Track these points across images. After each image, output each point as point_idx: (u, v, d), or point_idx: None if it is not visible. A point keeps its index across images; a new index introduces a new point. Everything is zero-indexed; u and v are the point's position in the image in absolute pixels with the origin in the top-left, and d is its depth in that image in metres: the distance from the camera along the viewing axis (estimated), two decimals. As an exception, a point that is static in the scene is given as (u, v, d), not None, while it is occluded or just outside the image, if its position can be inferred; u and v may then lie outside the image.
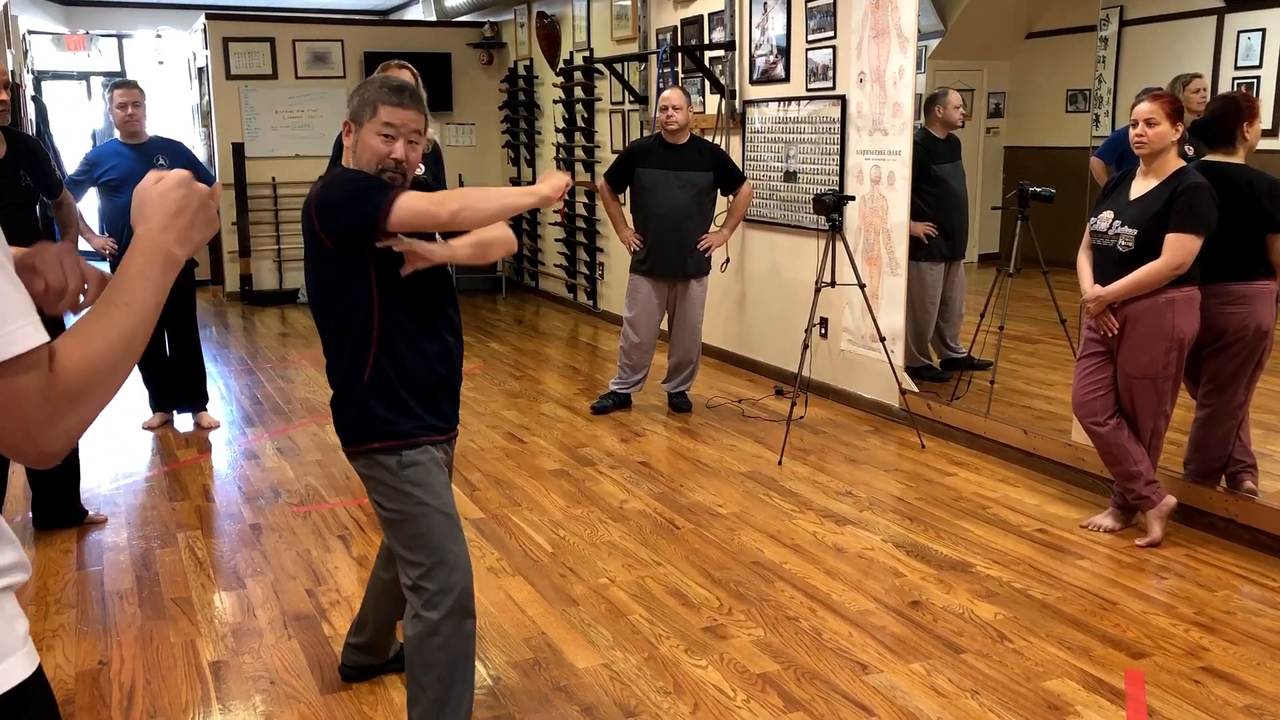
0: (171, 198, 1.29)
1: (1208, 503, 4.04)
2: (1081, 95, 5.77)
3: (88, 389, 1.13)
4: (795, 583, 3.68)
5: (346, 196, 2.39)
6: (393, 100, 2.43)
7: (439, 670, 2.50)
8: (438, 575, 2.48)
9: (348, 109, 2.51)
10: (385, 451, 2.51)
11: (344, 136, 2.52)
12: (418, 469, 2.52)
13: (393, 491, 2.52)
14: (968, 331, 5.83)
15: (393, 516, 2.54)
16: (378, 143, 2.43)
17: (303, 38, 9.78)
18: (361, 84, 2.54)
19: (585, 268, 9.01)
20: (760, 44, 6.46)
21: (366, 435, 2.52)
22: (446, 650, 2.50)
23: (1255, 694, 2.92)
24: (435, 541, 2.50)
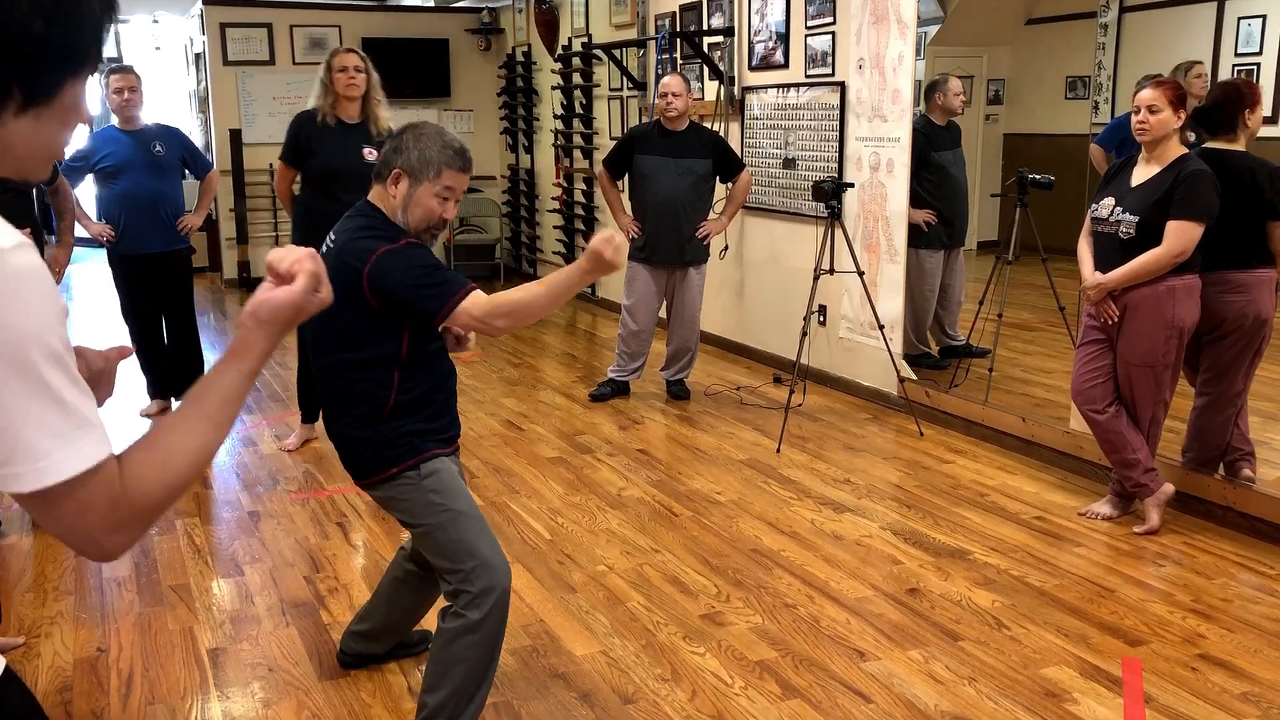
0: (307, 313, 1.26)
1: (1206, 490, 4.04)
2: (1081, 82, 5.76)
3: (159, 505, 1.12)
4: (793, 570, 3.68)
5: (414, 281, 2.41)
6: (457, 164, 2.50)
7: (470, 665, 2.52)
8: (479, 577, 2.51)
9: (397, 156, 2.49)
10: (407, 470, 2.54)
11: (390, 183, 2.50)
12: (437, 477, 2.56)
13: (419, 506, 2.54)
14: (966, 319, 5.83)
15: (425, 529, 2.55)
16: (434, 204, 2.50)
17: (300, 23, 9.74)
18: (414, 134, 2.51)
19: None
20: (759, 30, 6.44)
21: (388, 462, 2.53)
22: (482, 647, 2.52)
23: (1252, 681, 2.93)
24: (469, 545, 2.53)
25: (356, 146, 4.59)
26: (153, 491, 1.10)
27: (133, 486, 1.09)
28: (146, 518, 1.11)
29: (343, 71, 4.56)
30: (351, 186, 4.48)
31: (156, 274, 5.35)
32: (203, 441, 1.15)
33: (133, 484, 1.09)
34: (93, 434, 1.05)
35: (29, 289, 1.00)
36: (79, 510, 1.06)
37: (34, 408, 1.01)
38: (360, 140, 4.61)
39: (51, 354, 1.02)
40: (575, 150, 8.89)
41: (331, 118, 4.60)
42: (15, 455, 1.01)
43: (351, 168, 4.50)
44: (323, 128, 4.60)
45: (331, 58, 4.62)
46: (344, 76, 4.56)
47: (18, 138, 1.07)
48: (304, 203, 4.74)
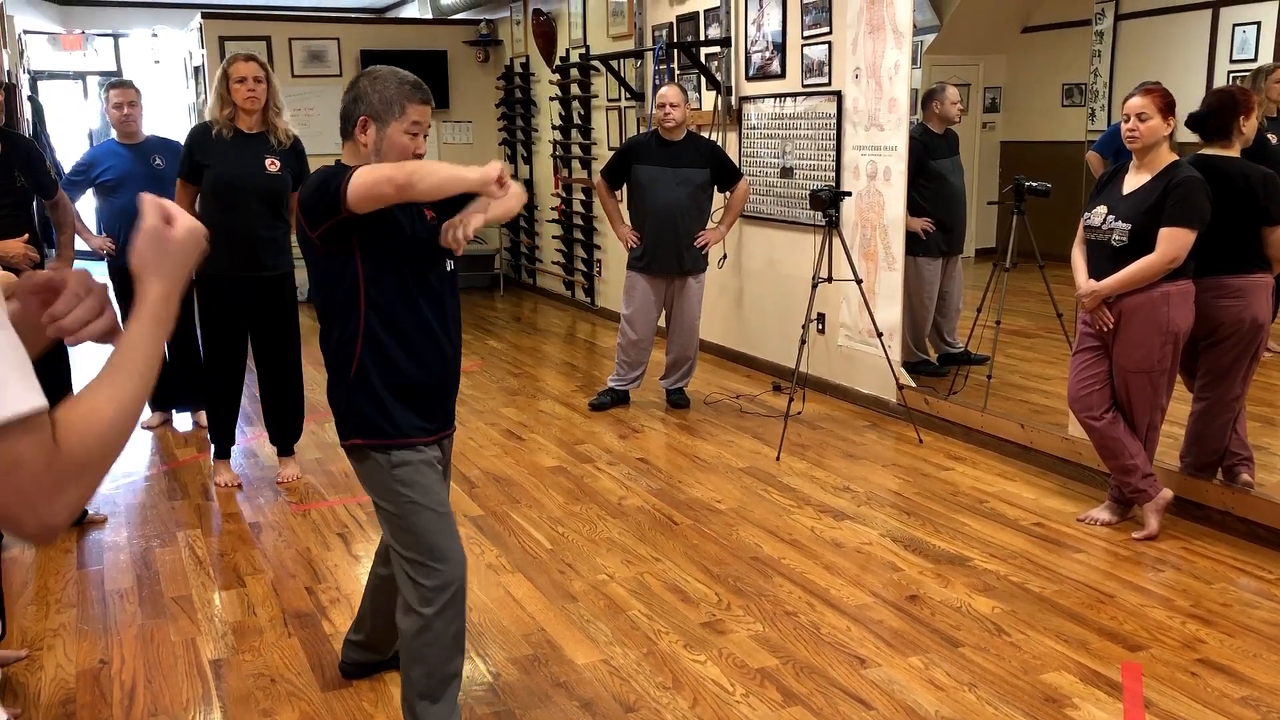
0: (186, 249, 1.24)
1: (1204, 496, 4.05)
2: (1077, 89, 5.78)
3: (94, 459, 1.08)
4: (793, 578, 3.69)
5: (315, 187, 2.42)
6: (418, 97, 2.48)
7: (429, 665, 2.53)
8: (431, 571, 2.51)
9: (359, 105, 2.48)
10: (374, 449, 2.53)
11: (357, 131, 2.48)
12: (407, 469, 2.54)
13: (383, 489, 2.55)
14: (965, 326, 5.84)
15: (386, 512, 2.57)
16: (405, 140, 2.47)
17: (299, 36, 9.77)
18: (369, 79, 2.50)
19: (583, 264, 9.02)
20: (756, 40, 6.47)
21: (352, 430, 2.55)
22: (438, 646, 2.53)
23: (1252, 685, 2.93)
24: (428, 539, 2.52)
25: (257, 156, 4.41)
26: (86, 442, 1.06)
27: (64, 438, 1.04)
28: (85, 477, 1.06)
29: (241, 82, 4.35)
30: (251, 197, 4.42)
31: None
32: (121, 390, 1.12)
33: (64, 435, 1.04)
34: (18, 382, 1.00)
35: None
36: (12, 465, 1.00)
37: None
38: (260, 150, 4.43)
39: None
40: (573, 160, 8.92)
41: (229, 129, 4.40)
42: None
43: (251, 179, 4.38)
44: (218, 139, 4.38)
45: (229, 66, 4.40)
46: (243, 88, 4.35)
47: None
48: (202, 220, 4.54)
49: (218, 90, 4.41)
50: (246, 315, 4.54)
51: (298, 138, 4.60)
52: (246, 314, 4.53)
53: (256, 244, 4.46)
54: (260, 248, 4.48)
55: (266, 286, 4.54)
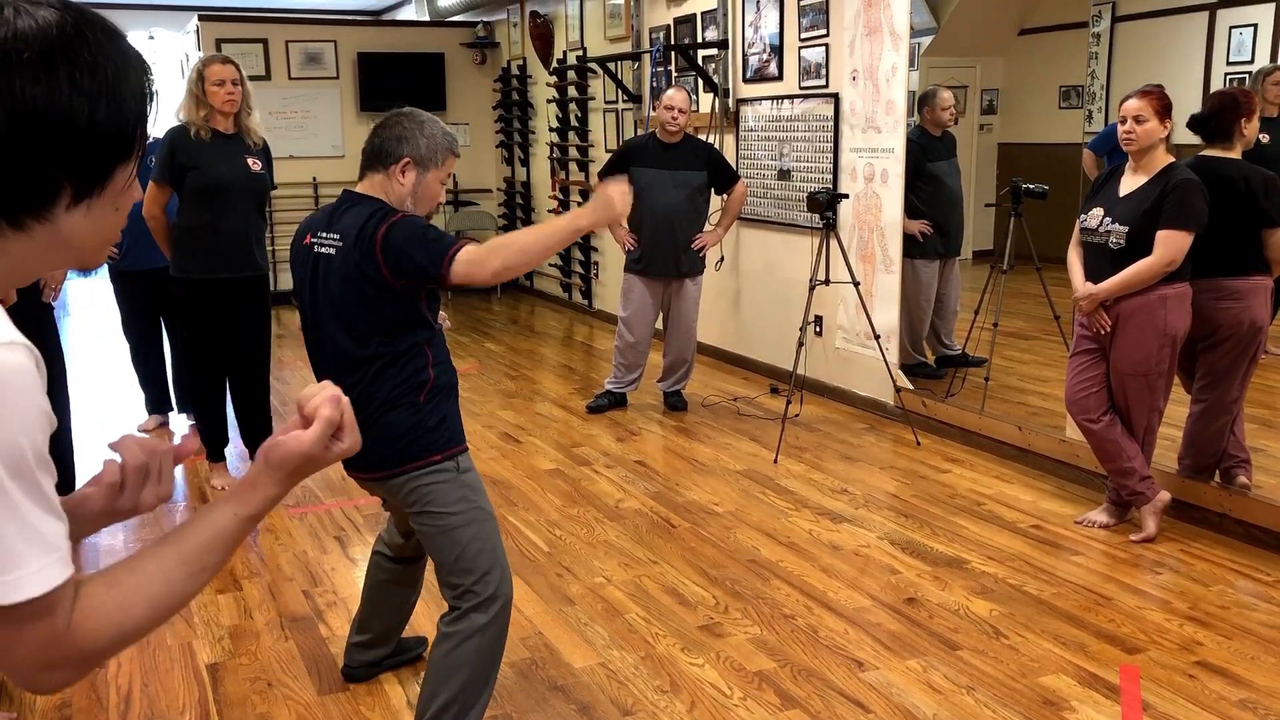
0: (319, 464, 1.12)
1: (1202, 498, 4.05)
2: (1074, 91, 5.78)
3: (102, 651, 0.98)
4: (791, 580, 3.68)
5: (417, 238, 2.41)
6: (455, 151, 2.60)
7: (473, 671, 2.52)
8: (493, 580, 2.52)
9: (403, 146, 2.50)
10: (446, 459, 2.53)
11: (396, 172, 2.51)
12: (473, 474, 2.58)
13: (454, 498, 2.53)
14: (962, 328, 5.84)
15: (452, 523, 2.53)
16: (438, 190, 2.58)
17: (296, 39, 9.76)
18: (415, 123, 2.54)
19: (580, 267, 9.01)
20: (753, 42, 6.47)
21: (426, 449, 2.51)
22: (485, 653, 2.53)
23: (1250, 688, 2.93)
24: (492, 547, 2.54)
25: (239, 157, 4.41)
26: (100, 635, 0.97)
27: (79, 624, 0.96)
28: (85, 664, 0.97)
29: (220, 85, 4.33)
30: (242, 198, 4.42)
31: (159, 290, 5.34)
32: (172, 587, 1.02)
33: (81, 620, 0.96)
34: (40, 560, 0.92)
35: (9, 390, 0.89)
36: (7, 641, 0.94)
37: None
38: (241, 151, 4.42)
39: (19, 465, 0.90)
40: (571, 163, 8.92)
41: (206, 131, 4.36)
42: None
43: (240, 179, 4.37)
44: (199, 141, 4.34)
45: (204, 68, 4.36)
46: (221, 91, 4.33)
47: (72, 231, 0.99)
48: (185, 223, 4.44)
49: (192, 92, 4.37)
50: (228, 318, 4.53)
51: (266, 140, 4.61)
52: (228, 317, 4.53)
53: (247, 244, 4.47)
54: (251, 247, 4.49)
55: (249, 286, 4.54)
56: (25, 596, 0.91)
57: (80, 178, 0.98)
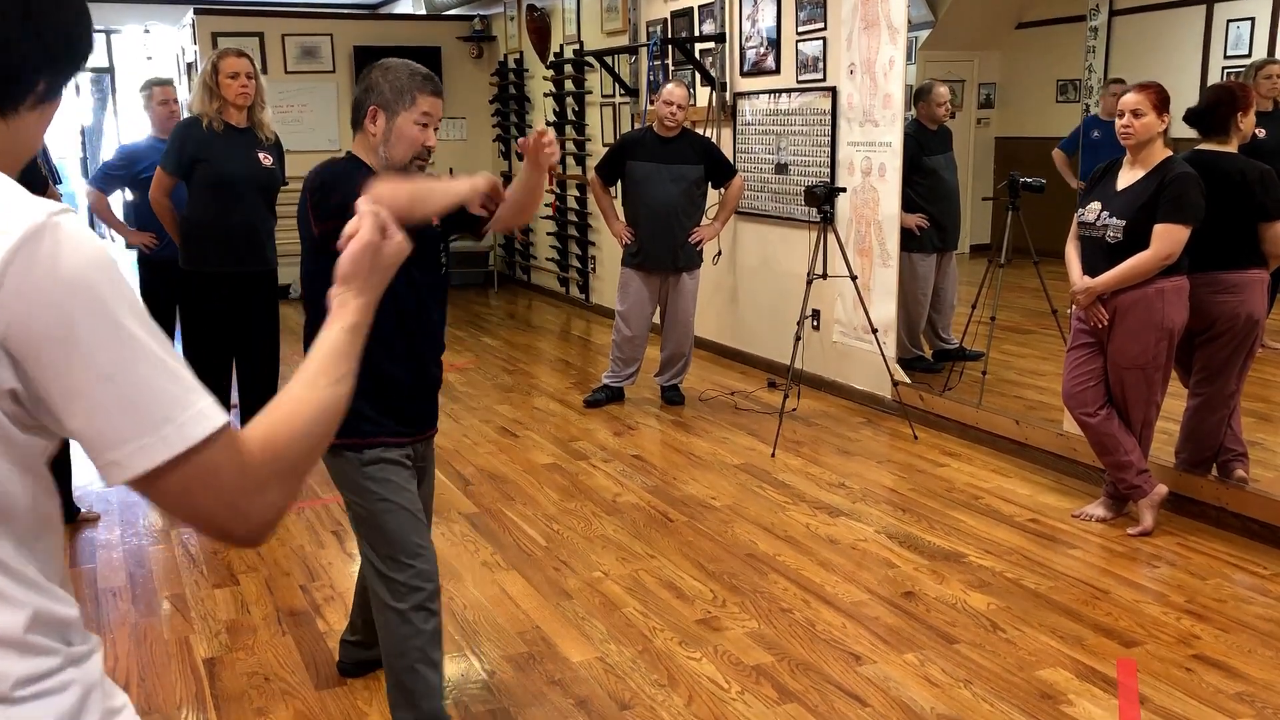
0: (395, 262, 1.27)
1: (1199, 491, 4.05)
2: (1071, 85, 5.78)
3: (291, 460, 1.06)
4: (788, 574, 3.68)
5: (329, 181, 2.41)
6: (429, 89, 2.48)
7: (410, 659, 2.53)
8: (402, 567, 2.52)
9: (370, 95, 2.47)
10: (347, 448, 2.53)
11: (368, 122, 2.47)
12: (379, 466, 2.54)
13: (355, 486, 2.55)
14: (959, 322, 5.84)
15: (356, 511, 2.58)
16: (415, 131, 2.47)
17: (292, 32, 9.74)
18: (381, 70, 2.49)
19: (577, 261, 9.00)
20: (750, 36, 6.46)
21: None
22: (418, 639, 2.53)
23: (1246, 681, 2.94)
24: (399, 536, 2.53)
25: (251, 151, 4.41)
26: (282, 439, 1.06)
27: (260, 445, 1.04)
28: (285, 478, 1.05)
29: (234, 78, 4.33)
30: (253, 192, 4.41)
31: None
32: (322, 396, 1.12)
33: (259, 442, 1.04)
34: (204, 396, 0.99)
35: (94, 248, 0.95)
36: (208, 476, 0.99)
37: (141, 371, 0.95)
38: (253, 145, 4.43)
39: (139, 313, 0.96)
40: (568, 157, 8.90)
41: (218, 123, 4.36)
42: (136, 427, 0.95)
43: (250, 173, 4.37)
44: (211, 134, 4.35)
45: (220, 61, 4.36)
46: (235, 84, 4.33)
47: (22, 131, 1.04)
48: (195, 216, 4.46)
49: (206, 84, 4.35)
50: (236, 313, 4.52)
51: (278, 135, 4.59)
52: (236, 312, 4.52)
53: (257, 238, 4.47)
54: (261, 242, 4.49)
55: (258, 282, 4.53)
56: (215, 425, 0.98)
57: (52, 82, 1.04)
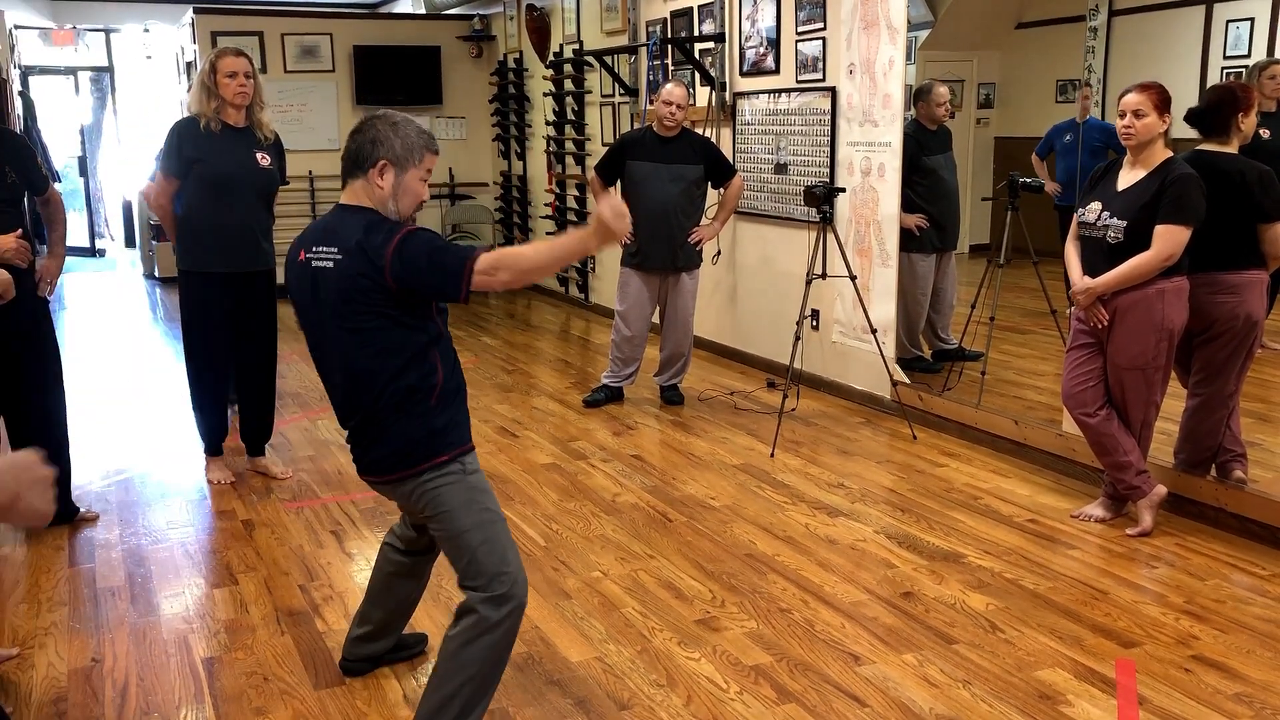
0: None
1: (1198, 492, 4.06)
2: (1071, 85, 5.77)
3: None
4: (787, 575, 3.68)
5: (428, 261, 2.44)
6: (433, 148, 2.59)
7: (479, 669, 2.51)
8: (505, 582, 2.52)
9: (378, 149, 2.50)
10: (453, 460, 2.55)
11: (374, 175, 2.51)
12: (479, 475, 2.60)
13: (461, 500, 2.55)
14: (959, 323, 5.84)
15: (461, 525, 2.55)
16: (420, 188, 2.58)
17: (291, 31, 9.74)
18: (389, 125, 2.53)
19: (576, 261, 9.00)
20: (750, 36, 6.45)
21: (434, 450, 2.54)
22: (492, 652, 2.52)
23: (1245, 682, 2.94)
24: (502, 549, 2.55)
25: (249, 151, 4.39)
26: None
27: None
28: None
29: (232, 78, 4.30)
30: (250, 192, 4.40)
31: None
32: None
33: None
34: None
35: None
36: None
37: None
38: (251, 145, 4.40)
39: None
40: (567, 156, 8.90)
41: (216, 123, 4.34)
42: None
43: (247, 174, 4.36)
44: (208, 134, 4.32)
45: (217, 60, 4.33)
46: (234, 83, 4.30)
47: None
48: (190, 216, 4.41)
49: (204, 84, 4.34)
50: (234, 313, 4.52)
51: (277, 134, 4.59)
52: (234, 312, 4.51)
53: (254, 238, 4.46)
54: (258, 242, 4.48)
55: (256, 282, 4.53)
56: None
57: None
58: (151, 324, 8.79)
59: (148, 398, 6.25)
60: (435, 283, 2.44)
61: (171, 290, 9.74)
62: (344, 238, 2.48)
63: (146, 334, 8.36)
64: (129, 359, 7.38)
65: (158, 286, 10.47)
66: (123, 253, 13.04)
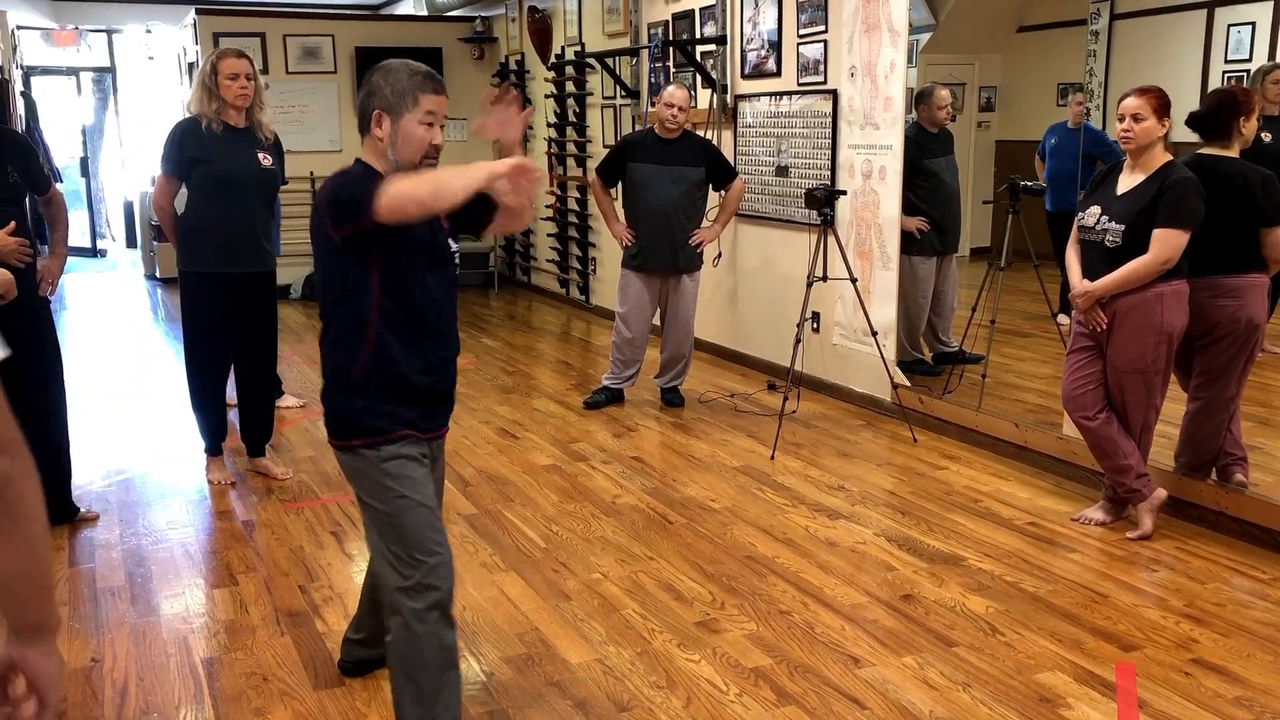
0: None
1: (1198, 496, 4.05)
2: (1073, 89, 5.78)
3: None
4: (787, 577, 3.68)
5: (345, 186, 2.41)
6: (430, 87, 2.48)
7: (425, 661, 2.48)
8: (420, 566, 2.48)
9: (372, 99, 2.47)
10: (367, 446, 2.52)
11: (374, 127, 2.48)
12: (397, 463, 2.52)
13: (373, 484, 2.53)
14: (959, 325, 5.84)
15: (374, 509, 2.54)
16: (421, 131, 2.47)
17: (293, 33, 9.75)
18: (381, 73, 2.50)
19: (577, 262, 9.01)
20: (751, 38, 6.46)
21: (352, 431, 2.53)
22: (435, 639, 2.48)
23: (1245, 685, 2.94)
24: (417, 533, 2.50)
25: (251, 151, 4.40)
26: None
27: None
28: None
29: (233, 79, 4.30)
30: (252, 193, 4.41)
31: None
32: None
33: None
34: None
35: None
36: None
37: None
38: (252, 145, 4.41)
39: None
40: (569, 158, 8.91)
41: (217, 124, 4.34)
42: None
43: (251, 174, 4.36)
44: (210, 134, 4.31)
45: (219, 61, 4.33)
46: (235, 85, 4.31)
47: None
48: (194, 217, 4.41)
49: (205, 85, 4.34)
50: (235, 313, 4.52)
51: (277, 134, 4.60)
52: (235, 312, 4.51)
53: (256, 239, 4.46)
54: (259, 242, 4.48)
55: (257, 283, 4.53)
56: None
57: None
58: (152, 324, 8.79)
59: (148, 398, 6.25)
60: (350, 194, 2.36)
61: (172, 291, 9.75)
62: None
63: (147, 334, 8.36)
64: (129, 359, 7.38)
65: (158, 287, 10.47)
66: (124, 253, 13.04)
